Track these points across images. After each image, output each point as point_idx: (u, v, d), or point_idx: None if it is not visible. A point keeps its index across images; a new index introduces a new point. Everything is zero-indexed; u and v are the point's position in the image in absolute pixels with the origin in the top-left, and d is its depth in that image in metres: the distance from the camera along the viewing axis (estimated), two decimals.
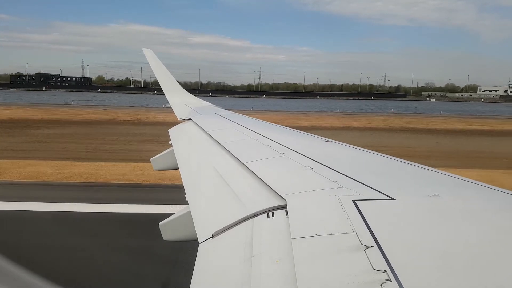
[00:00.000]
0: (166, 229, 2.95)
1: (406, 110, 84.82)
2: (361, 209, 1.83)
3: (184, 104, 9.11)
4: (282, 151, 3.39)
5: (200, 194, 2.91)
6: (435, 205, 1.91)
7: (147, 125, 38.71)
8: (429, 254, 1.43)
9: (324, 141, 4.18)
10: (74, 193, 13.95)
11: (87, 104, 74.13)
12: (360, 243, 1.50)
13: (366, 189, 2.14)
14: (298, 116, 54.86)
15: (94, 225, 11.09)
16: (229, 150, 3.66)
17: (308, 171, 2.66)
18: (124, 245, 9.60)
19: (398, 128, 42.12)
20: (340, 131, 36.33)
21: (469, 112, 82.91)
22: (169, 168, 5.38)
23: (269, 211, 2.03)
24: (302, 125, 37.81)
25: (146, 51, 10.35)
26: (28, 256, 7.37)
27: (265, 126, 6.00)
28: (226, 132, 5.11)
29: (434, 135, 36.11)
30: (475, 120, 53.68)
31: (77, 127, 35.41)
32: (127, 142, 27.05)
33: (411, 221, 1.76)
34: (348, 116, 58.19)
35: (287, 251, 1.55)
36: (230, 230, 2.01)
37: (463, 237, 1.60)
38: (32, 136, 28.78)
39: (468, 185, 2.42)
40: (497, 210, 1.99)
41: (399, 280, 1.23)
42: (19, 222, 10.98)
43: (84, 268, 8.43)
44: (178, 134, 6.01)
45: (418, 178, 2.66)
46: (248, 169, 2.88)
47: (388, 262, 1.34)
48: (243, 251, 1.72)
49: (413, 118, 55.27)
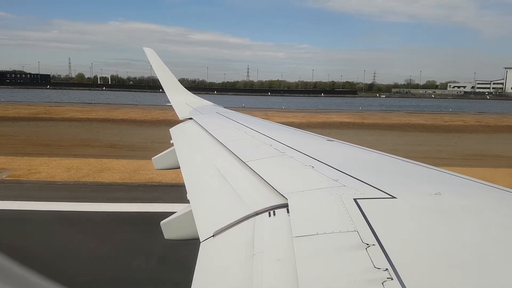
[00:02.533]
0: (168, 228, 2.95)
1: (337, 106, 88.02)
2: (362, 207, 1.83)
3: (185, 103, 9.11)
4: (284, 150, 3.39)
5: (202, 193, 2.91)
6: (437, 204, 1.91)
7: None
8: (430, 253, 1.43)
9: (326, 140, 4.19)
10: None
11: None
12: (362, 241, 1.50)
13: (367, 187, 2.14)
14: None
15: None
16: (230, 149, 3.66)
17: (309, 169, 2.66)
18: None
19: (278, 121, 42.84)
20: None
21: (394, 106, 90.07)
22: (171, 167, 5.38)
23: (271, 210, 2.03)
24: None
25: (147, 50, 10.35)
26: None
27: (267, 125, 6.01)
28: (227, 131, 5.11)
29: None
30: (369, 115, 55.59)
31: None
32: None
33: (412, 220, 1.76)
34: (282, 112, 59.26)
35: (289, 250, 1.55)
36: (232, 228, 2.01)
37: (464, 236, 1.60)
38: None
39: (469, 184, 2.42)
40: (499, 208, 1.99)
41: (400, 279, 1.23)
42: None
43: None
44: (179, 133, 6.01)
45: (420, 177, 2.66)
46: (249, 168, 2.88)
47: (389, 260, 1.34)
48: (244, 249, 1.73)
49: (319, 114, 56.40)
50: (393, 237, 1.53)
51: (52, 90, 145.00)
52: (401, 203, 1.91)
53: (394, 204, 1.90)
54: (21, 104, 60.33)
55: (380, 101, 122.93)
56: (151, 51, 10.39)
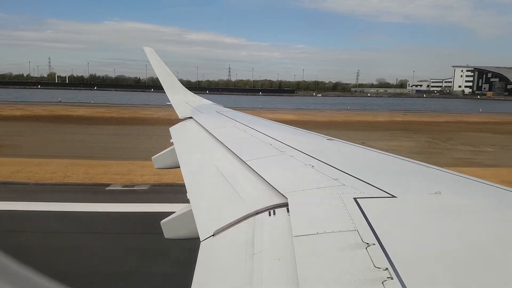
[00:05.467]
0: (168, 227, 2.95)
1: (269, 104, 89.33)
2: (362, 207, 1.83)
3: (185, 102, 9.11)
4: (283, 149, 3.39)
5: (202, 192, 2.91)
6: (437, 203, 1.91)
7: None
8: (430, 252, 1.43)
9: (325, 139, 4.19)
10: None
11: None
12: (362, 241, 1.49)
13: (367, 187, 2.14)
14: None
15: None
16: (230, 149, 3.66)
17: (309, 169, 2.66)
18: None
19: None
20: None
21: (310, 104, 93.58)
22: (171, 166, 5.38)
23: (271, 209, 2.03)
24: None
25: (147, 49, 10.34)
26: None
27: (266, 124, 6.01)
28: (227, 130, 5.11)
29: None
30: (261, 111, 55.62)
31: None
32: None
33: (412, 219, 1.75)
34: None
35: (289, 249, 1.55)
36: (232, 228, 2.01)
37: (464, 235, 1.60)
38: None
39: (469, 183, 2.42)
40: (499, 207, 1.99)
41: (400, 278, 1.23)
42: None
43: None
44: (179, 132, 6.01)
45: (420, 176, 2.66)
46: (249, 167, 2.88)
47: (389, 260, 1.34)
48: (244, 249, 1.72)
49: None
50: (393, 237, 1.53)
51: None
52: (401, 203, 1.91)
53: (394, 204, 1.90)
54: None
55: (309, 100, 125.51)
56: (151, 50, 10.38)
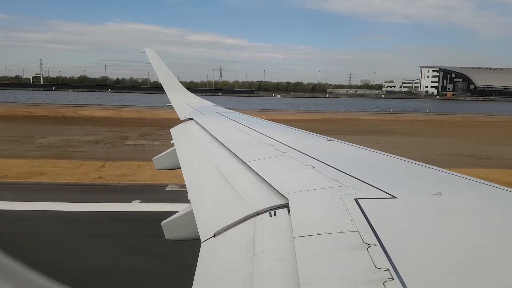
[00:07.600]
0: (168, 228, 2.95)
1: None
2: (363, 207, 1.83)
3: (186, 103, 9.12)
4: (284, 150, 3.39)
5: (202, 193, 2.91)
6: (438, 204, 1.91)
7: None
8: (431, 253, 1.43)
9: (326, 139, 4.19)
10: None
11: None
12: (363, 241, 1.49)
13: (368, 187, 2.14)
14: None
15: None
16: (231, 150, 3.66)
17: (310, 170, 2.66)
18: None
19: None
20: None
21: (258, 104, 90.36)
22: (171, 167, 5.38)
23: (271, 210, 2.03)
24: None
25: (148, 50, 10.37)
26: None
27: (267, 125, 6.01)
28: (228, 131, 5.11)
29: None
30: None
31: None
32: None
33: (413, 220, 1.75)
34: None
35: (289, 250, 1.55)
36: (232, 229, 2.01)
37: (465, 236, 1.60)
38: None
39: (470, 184, 2.42)
40: (499, 208, 1.99)
41: (401, 279, 1.23)
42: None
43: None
44: (180, 133, 6.02)
45: (421, 177, 2.66)
46: (250, 168, 2.88)
47: (390, 260, 1.34)
48: (245, 249, 1.72)
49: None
50: (394, 237, 1.53)
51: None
52: (402, 203, 1.91)
53: (395, 204, 1.90)
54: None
55: (263, 101, 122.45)
56: (152, 51, 10.41)
